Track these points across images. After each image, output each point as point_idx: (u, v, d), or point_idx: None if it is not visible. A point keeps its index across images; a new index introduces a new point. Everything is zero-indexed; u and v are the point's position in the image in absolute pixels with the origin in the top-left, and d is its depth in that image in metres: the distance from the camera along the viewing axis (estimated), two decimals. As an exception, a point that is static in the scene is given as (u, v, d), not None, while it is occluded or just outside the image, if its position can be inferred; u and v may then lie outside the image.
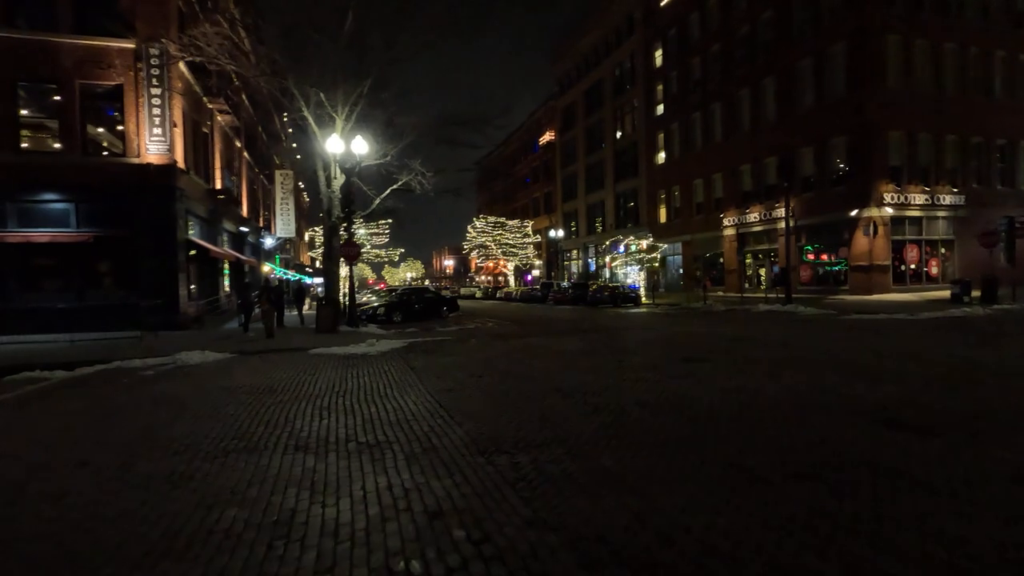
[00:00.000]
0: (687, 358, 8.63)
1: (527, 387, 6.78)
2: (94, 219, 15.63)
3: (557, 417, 5.23)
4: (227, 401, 6.50)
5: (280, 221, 34.85)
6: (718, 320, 16.87)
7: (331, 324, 15.72)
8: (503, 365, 8.75)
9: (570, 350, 10.41)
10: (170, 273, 16.05)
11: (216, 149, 21.50)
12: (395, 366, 9.16)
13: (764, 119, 30.08)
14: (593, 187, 49.71)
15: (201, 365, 10.03)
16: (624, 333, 13.59)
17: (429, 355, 10.53)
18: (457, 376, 7.83)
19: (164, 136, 15.82)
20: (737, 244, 32.33)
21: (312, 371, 8.87)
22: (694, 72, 35.84)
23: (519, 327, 17.05)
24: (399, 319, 21.07)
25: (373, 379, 7.91)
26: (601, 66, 47.99)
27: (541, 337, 13.30)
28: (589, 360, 8.93)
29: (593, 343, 11.49)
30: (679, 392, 6.13)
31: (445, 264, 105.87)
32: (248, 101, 28.35)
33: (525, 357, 9.62)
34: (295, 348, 12.15)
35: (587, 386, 6.69)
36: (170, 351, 11.47)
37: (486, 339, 13.43)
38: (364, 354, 11.03)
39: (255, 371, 9.01)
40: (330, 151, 16.61)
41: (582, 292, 32.33)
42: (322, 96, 16.30)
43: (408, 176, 19.04)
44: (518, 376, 7.60)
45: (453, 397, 6.34)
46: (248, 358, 10.90)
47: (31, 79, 15.26)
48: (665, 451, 4.08)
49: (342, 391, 7.00)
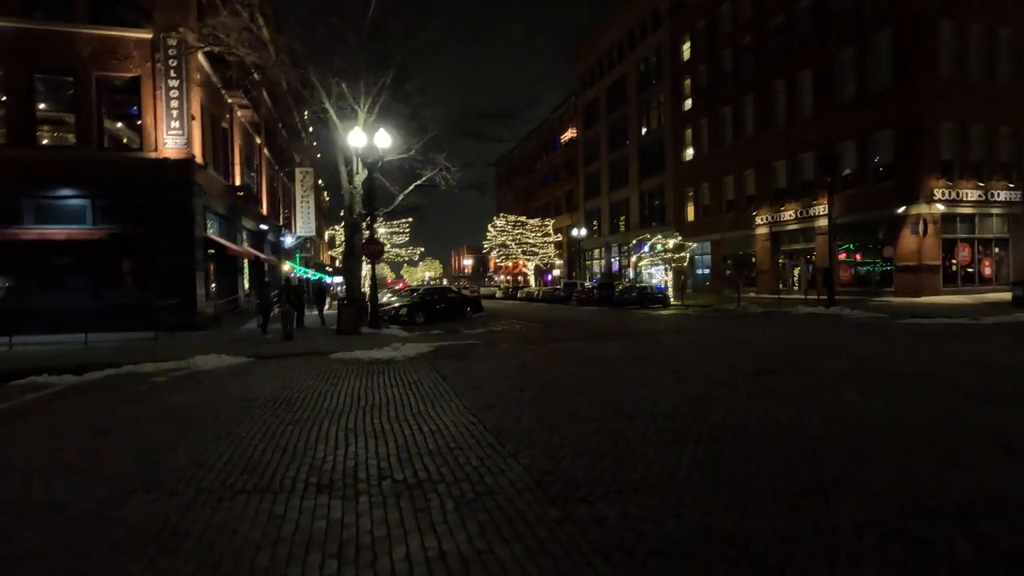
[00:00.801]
0: (754, 370, 7.64)
1: (580, 404, 5.88)
2: (110, 215, 15.13)
3: (631, 448, 4.32)
4: (239, 417, 5.72)
5: (300, 219, 34.37)
6: (760, 324, 15.76)
7: (353, 325, 15.00)
8: (544, 375, 7.86)
9: (614, 357, 9.48)
10: (187, 271, 15.48)
11: (235, 144, 20.98)
12: (424, 374, 8.33)
13: (800, 113, 28.71)
14: (617, 185, 48.55)
15: (215, 371, 9.32)
16: (665, 338, 12.59)
17: (459, 361, 9.69)
18: (496, 388, 6.96)
19: (182, 129, 15.25)
20: (771, 243, 31.02)
21: (334, 379, 8.09)
22: (724, 65, 34.53)
23: (549, 330, 16.15)
24: (422, 320, 20.32)
25: (402, 390, 7.08)
26: (625, 61, 46.81)
27: (577, 342, 12.38)
28: (640, 371, 8.00)
29: (637, 349, 10.54)
30: (769, 416, 5.17)
31: (464, 263, 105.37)
32: (268, 97, 27.88)
33: (566, 366, 8.72)
34: (315, 352, 11.41)
35: (651, 405, 5.77)
36: (185, 354, 10.82)
37: (517, 343, 12.56)
38: (389, 359, 10.24)
39: (272, 379, 8.25)
40: (352, 145, 15.89)
41: (608, 293, 31.29)
42: (344, 87, 15.60)
43: (432, 171, 18.27)
44: (566, 390, 6.71)
45: (498, 417, 5.46)
46: (265, 363, 10.18)
47: (47, 71, 14.81)
48: (797, 505, 3.14)
49: (368, 406, 6.18)
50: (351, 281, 17.64)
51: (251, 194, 22.32)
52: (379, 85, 16.37)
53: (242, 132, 22.32)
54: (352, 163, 17.30)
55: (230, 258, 19.62)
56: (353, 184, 17.36)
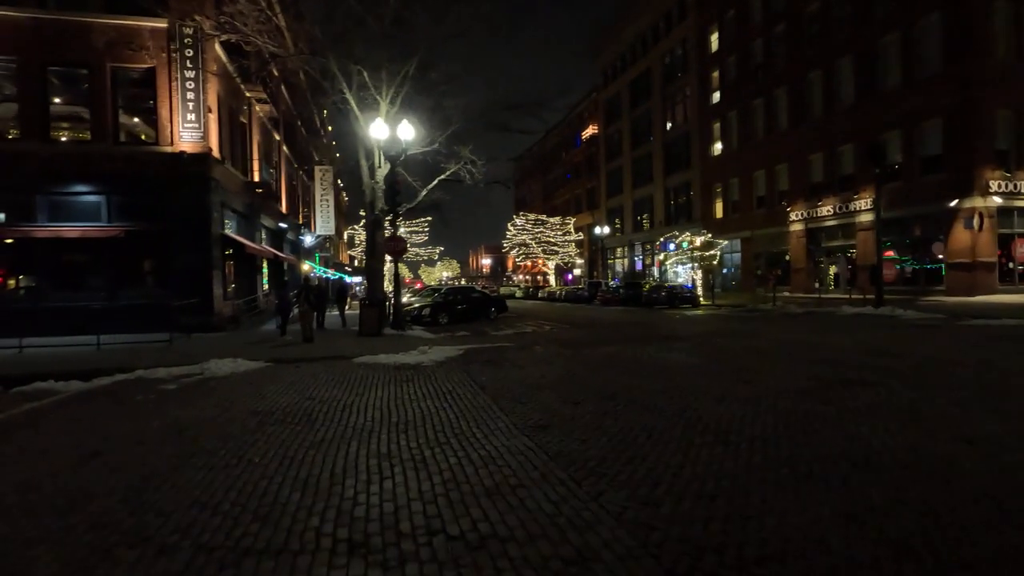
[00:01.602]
0: (841, 381, 6.61)
1: (654, 424, 4.95)
2: (126, 212, 14.58)
3: (744, 488, 3.38)
4: (252, 438, 4.90)
5: (320, 218, 33.87)
6: (811, 326, 14.61)
7: (375, 327, 14.23)
8: (597, 385, 6.93)
9: (668, 364, 8.51)
10: (204, 270, 14.86)
11: (254, 140, 20.40)
12: (459, 383, 7.46)
13: (839, 103, 27.30)
14: (640, 182, 47.33)
15: (230, 377, 8.57)
16: (714, 341, 11.55)
17: (495, 367, 8.81)
18: (545, 401, 6.05)
19: (198, 122, 14.63)
20: (806, 240, 29.63)
21: (359, 388, 7.26)
22: (755, 56, 33.18)
23: (582, 331, 15.19)
24: (445, 321, 19.52)
25: (436, 403, 6.22)
26: (648, 55, 45.59)
27: (618, 345, 11.41)
28: (705, 380, 7.02)
29: (689, 354, 9.55)
30: (897, 443, 4.18)
31: (482, 263, 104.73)
32: (286, 93, 27.36)
33: (619, 374, 7.78)
34: (337, 356, 10.62)
35: (739, 425, 4.81)
36: (199, 358, 10.11)
37: (553, 346, 11.63)
38: (417, 364, 9.40)
39: (291, 387, 7.45)
40: (374, 137, 15.12)
41: (635, 292, 30.21)
42: (365, 76, 14.83)
43: (457, 165, 17.44)
44: (630, 404, 5.77)
45: (559, 440, 4.55)
46: (284, 368, 9.41)
47: (61, 63, 14.31)
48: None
49: (401, 423, 5.32)
50: (373, 280, 16.89)
51: (270, 191, 21.74)
52: (402, 75, 15.58)
53: (260, 127, 21.75)
54: (373, 157, 16.56)
55: (248, 257, 19.02)
56: (375, 179, 16.62)
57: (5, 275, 14.68)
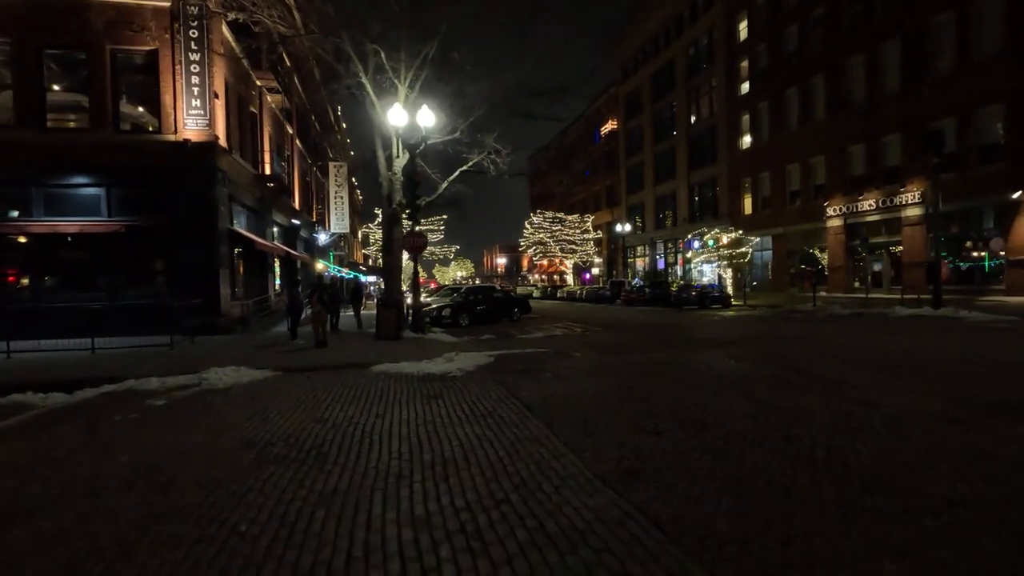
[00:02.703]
0: (997, 404, 5.23)
1: (780, 469, 3.65)
2: (127, 206, 13.56)
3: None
4: (243, 486, 3.69)
5: (334, 216, 32.90)
6: (870, 328, 13.12)
7: (394, 329, 13.05)
8: (665, 403, 5.64)
9: (739, 376, 7.18)
10: (210, 268, 13.80)
11: (265, 131, 19.36)
12: (498, 400, 6.21)
13: (883, 90, 25.56)
14: (663, 177, 45.74)
15: (230, 390, 7.41)
16: (773, 346, 10.15)
17: (534, 379, 7.54)
18: (617, 431, 4.77)
19: (203, 109, 13.57)
20: (845, 236, 27.90)
21: (379, 406, 6.04)
22: (789, 43, 31.50)
23: (618, 335, 13.86)
24: (466, 322, 18.32)
25: (476, 428, 4.97)
26: (672, 46, 44.00)
27: (666, 351, 10.08)
28: (800, 397, 5.69)
29: (755, 363, 8.20)
30: None
31: (497, 262, 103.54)
32: (300, 85, 26.37)
33: (684, 388, 6.47)
34: (353, 364, 9.43)
35: (906, 476, 3.49)
36: (199, 365, 9.00)
37: (592, 353, 10.33)
38: (444, 374, 8.17)
39: (299, 405, 6.26)
40: (392, 124, 13.92)
41: (662, 292, 28.78)
42: (382, 57, 13.64)
43: (480, 155, 16.19)
44: (728, 436, 4.47)
45: (660, 498, 3.28)
46: (292, 378, 8.23)
47: (58, 45, 13.33)
48: None
49: (438, 462, 4.08)
50: (390, 279, 15.71)
51: (282, 185, 20.70)
52: (422, 56, 14.37)
53: (272, 119, 20.72)
54: (391, 147, 15.37)
55: (259, 254, 17.99)
56: (392, 170, 15.43)
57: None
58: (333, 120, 40.43)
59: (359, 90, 14.62)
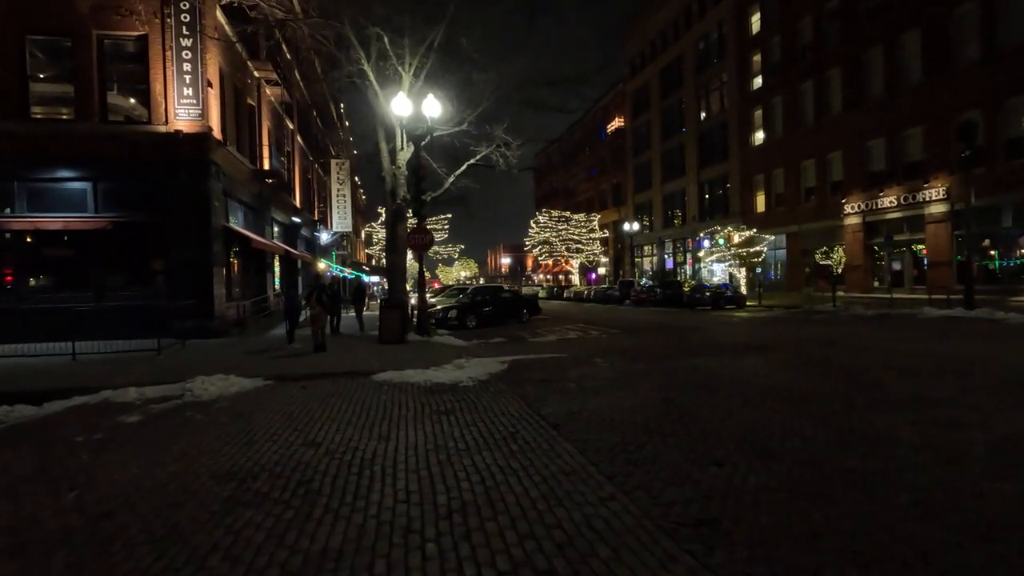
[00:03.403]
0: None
1: (882, 514, 2.81)
2: (115, 201, 12.79)
3: None
4: (207, 540, 2.87)
5: (336, 214, 32.15)
6: (906, 331, 12.24)
7: (398, 332, 12.24)
8: (715, 422, 4.80)
9: (789, 387, 6.33)
10: (204, 268, 13.01)
11: (263, 125, 18.57)
12: (519, 418, 5.39)
13: (904, 83, 24.61)
14: (671, 175, 44.83)
15: (215, 403, 6.60)
16: (812, 351, 9.29)
17: (557, 391, 6.71)
18: (667, 459, 3.94)
19: (196, 99, 12.78)
20: (863, 234, 26.95)
21: (382, 425, 5.22)
22: (804, 35, 30.56)
23: (637, 338, 13.01)
24: (473, 324, 17.49)
25: (498, 457, 4.14)
26: (680, 41, 43.08)
27: (695, 356, 9.22)
28: (876, 416, 4.84)
29: (801, 370, 7.35)
30: None
31: (501, 262, 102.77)
32: (301, 80, 25.60)
33: (733, 403, 5.63)
34: (354, 372, 8.61)
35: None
36: (186, 373, 8.20)
37: (615, 359, 9.48)
38: (454, 384, 7.35)
39: (289, 422, 5.45)
40: (396, 114, 13.13)
41: (674, 292, 27.90)
42: (386, 42, 12.84)
43: (488, 148, 15.37)
44: (812, 470, 3.63)
45: (746, 562, 2.45)
46: (286, 389, 7.42)
47: (42, 31, 12.57)
48: None
49: (456, 508, 3.25)
50: (394, 279, 14.90)
51: (282, 182, 19.91)
52: (427, 43, 13.56)
53: (272, 113, 19.95)
54: (395, 139, 14.57)
55: (257, 253, 17.20)
56: (396, 164, 14.63)
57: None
58: (336, 117, 39.69)
59: (361, 79, 13.82)
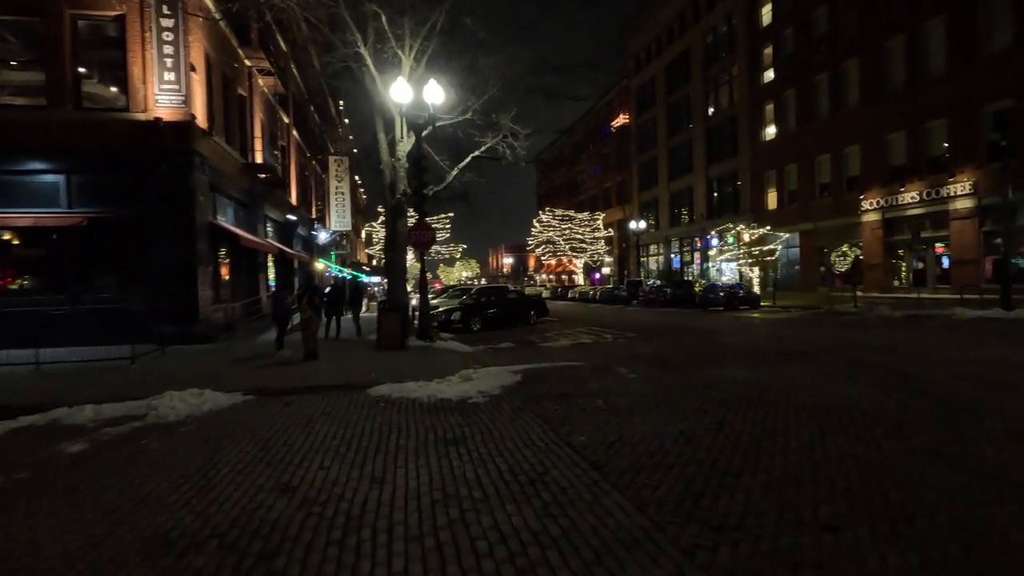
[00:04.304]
0: None
1: None
2: (89, 195, 11.75)
3: None
4: None
5: (335, 213, 31.11)
6: (946, 333, 11.18)
7: (398, 337, 11.20)
8: (792, 456, 3.75)
9: (866, 407, 5.28)
10: (187, 267, 11.98)
11: (256, 117, 17.54)
12: (546, 449, 4.34)
13: (927, 72, 23.50)
14: (678, 173, 43.75)
15: (181, 426, 5.56)
16: (868, 358, 8.24)
17: (580, 409, 5.67)
18: (756, 515, 2.90)
19: (178, 83, 11.75)
20: (882, 232, 25.86)
21: (377, 462, 4.18)
22: (819, 26, 29.47)
23: (658, 343, 11.95)
24: (478, 327, 16.45)
25: (529, 513, 3.10)
26: (687, 35, 42.01)
27: (734, 366, 8.16)
28: (1010, 452, 3.80)
29: (872, 387, 6.30)
30: None
31: (503, 262, 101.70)
32: (298, 73, 24.58)
33: (808, 431, 4.58)
34: (347, 385, 7.56)
35: None
36: (156, 386, 7.18)
37: (640, 368, 8.42)
38: (462, 400, 6.31)
39: (264, 454, 4.41)
40: (395, 101, 12.07)
41: (685, 292, 26.89)
42: (383, 21, 11.80)
43: (494, 139, 14.32)
44: (961, 538, 2.59)
45: None
46: (266, 407, 6.38)
47: (9, 10, 11.52)
48: None
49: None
50: (394, 279, 13.86)
51: (276, 177, 18.88)
52: (429, 25, 12.53)
53: (265, 104, 18.92)
54: (394, 129, 13.54)
55: (249, 252, 16.16)
56: (396, 156, 13.59)
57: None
58: (335, 113, 38.67)
59: (357, 63, 12.77)
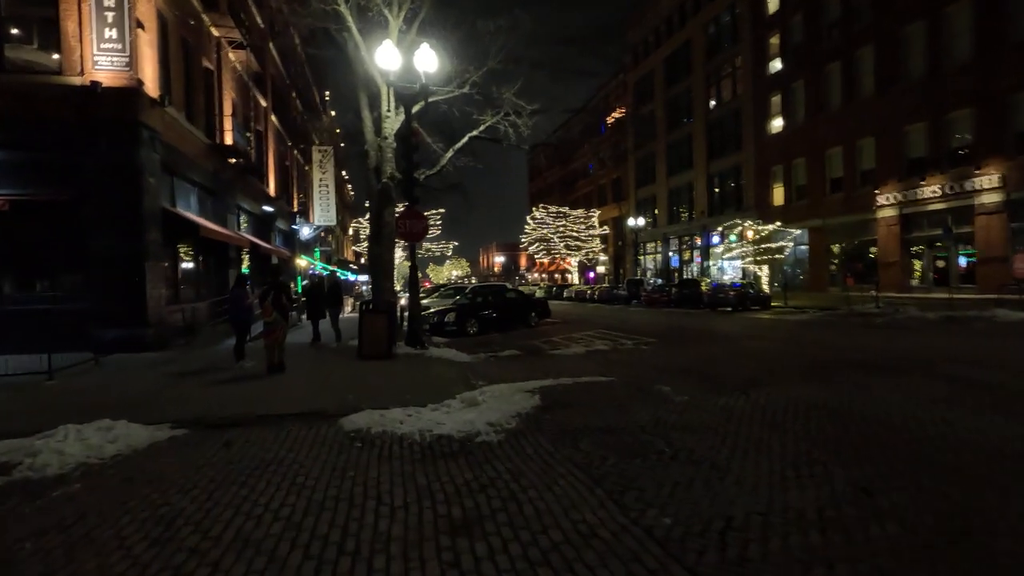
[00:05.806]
0: None
1: None
2: (11, 173, 9.85)
3: None
4: None
5: (319, 206, 29.14)
6: (999, 338, 9.66)
7: (383, 345, 9.43)
8: (1010, 557, 2.10)
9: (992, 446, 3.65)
10: (133, 261, 10.12)
11: (225, 94, 15.63)
12: (612, 543, 2.63)
13: (949, 60, 22.13)
14: (677, 168, 42.27)
15: (54, 489, 3.76)
16: (968, 373, 6.64)
17: (633, 453, 3.96)
18: None
19: (121, 42, 9.88)
20: (899, 228, 24.48)
21: (342, 567, 2.46)
22: (829, 12, 28.08)
23: (682, 350, 10.28)
24: (475, 330, 14.73)
25: None
26: (688, 25, 40.55)
27: (803, 382, 6.51)
28: None
29: (1014, 415, 4.68)
30: None
31: (494, 261, 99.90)
32: (278, 56, 22.68)
33: (1015, 506, 2.92)
34: (315, 413, 5.78)
35: None
36: (61, 415, 5.37)
37: (681, 385, 6.73)
38: (467, 438, 4.57)
39: (157, 556, 2.64)
40: (381, 69, 10.31)
41: (691, 292, 25.36)
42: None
43: (495, 117, 12.58)
44: None
45: None
46: (199, 449, 4.59)
47: (-86, -49, 9.60)
48: None
49: None
50: (379, 277, 12.07)
51: (250, 163, 16.99)
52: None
53: (237, 82, 17.01)
54: (381, 103, 11.74)
55: (216, 246, 14.27)
56: (382, 135, 11.81)
57: None
58: (319, 102, 36.68)
59: (337, 24, 10.97)
